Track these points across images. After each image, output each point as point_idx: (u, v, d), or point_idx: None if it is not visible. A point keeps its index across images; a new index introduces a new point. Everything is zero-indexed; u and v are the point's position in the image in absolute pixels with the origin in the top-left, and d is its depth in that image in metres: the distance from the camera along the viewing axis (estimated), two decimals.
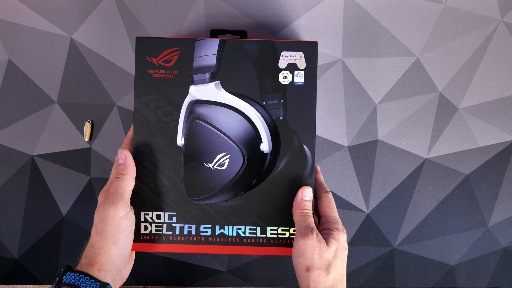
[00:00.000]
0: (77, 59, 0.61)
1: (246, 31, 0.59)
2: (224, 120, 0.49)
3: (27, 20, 0.61)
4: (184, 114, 0.49)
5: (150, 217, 0.49)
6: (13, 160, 0.61)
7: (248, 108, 0.49)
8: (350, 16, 0.60)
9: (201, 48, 0.50)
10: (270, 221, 0.49)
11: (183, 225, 0.49)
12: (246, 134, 0.49)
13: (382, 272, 0.63)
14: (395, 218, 0.62)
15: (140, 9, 0.60)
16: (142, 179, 0.49)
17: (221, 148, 0.49)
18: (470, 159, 0.62)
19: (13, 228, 0.62)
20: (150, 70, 0.49)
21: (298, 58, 0.50)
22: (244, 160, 0.49)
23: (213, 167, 0.49)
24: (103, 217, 0.44)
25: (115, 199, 0.45)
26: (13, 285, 0.62)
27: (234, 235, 0.50)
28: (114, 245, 0.44)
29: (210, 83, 0.49)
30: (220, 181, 0.49)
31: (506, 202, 0.62)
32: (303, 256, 0.44)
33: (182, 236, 0.49)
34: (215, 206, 0.49)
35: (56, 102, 0.61)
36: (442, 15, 0.61)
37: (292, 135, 0.49)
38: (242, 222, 0.49)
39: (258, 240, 0.49)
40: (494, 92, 0.62)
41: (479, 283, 0.63)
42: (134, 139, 0.49)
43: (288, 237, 0.49)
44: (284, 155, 0.49)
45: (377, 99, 0.61)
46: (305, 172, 0.49)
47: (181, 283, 0.62)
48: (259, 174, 0.49)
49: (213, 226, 0.49)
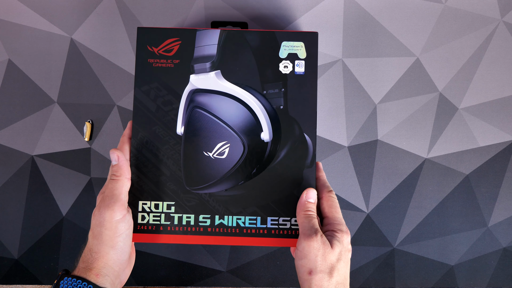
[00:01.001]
0: (77, 59, 0.61)
1: (247, 23, 0.59)
2: (224, 109, 0.49)
3: (27, 20, 0.61)
4: (184, 102, 0.49)
5: (148, 206, 0.48)
6: (13, 160, 0.61)
7: (248, 97, 0.49)
8: (350, 16, 0.60)
9: (202, 38, 0.50)
10: (271, 211, 0.49)
11: (182, 215, 0.48)
12: (246, 123, 0.49)
13: (382, 272, 0.63)
14: (395, 218, 0.62)
15: (140, 9, 0.60)
16: (141, 168, 0.48)
17: (221, 136, 0.49)
18: (470, 159, 0.62)
19: (13, 228, 0.62)
20: (151, 60, 0.49)
21: (299, 48, 0.50)
22: (244, 149, 0.49)
23: (212, 156, 0.49)
24: (99, 221, 0.43)
25: (111, 202, 0.44)
26: (13, 285, 0.62)
27: (234, 226, 0.49)
28: (112, 249, 0.43)
29: (211, 72, 0.49)
30: (220, 170, 0.49)
31: (506, 202, 0.62)
32: (306, 258, 0.43)
33: (180, 227, 0.48)
34: (215, 196, 0.49)
35: (56, 102, 0.61)
36: (442, 15, 0.61)
37: (293, 123, 0.49)
38: (242, 212, 0.49)
39: (258, 231, 0.48)
40: (494, 92, 0.62)
41: (479, 283, 0.63)
42: (133, 128, 0.49)
43: (289, 228, 0.48)
44: (285, 144, 0.49)
45: (377, 99, 0.61)
46: (306, 161, 0.49)
47: (181, 283, 0.62)
48: (260, 163, 0.49)
49: (212, 216, 0.49)
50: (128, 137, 0.49)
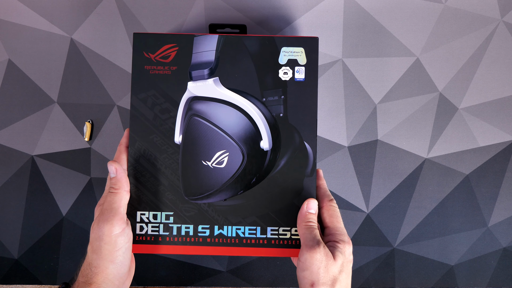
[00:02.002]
0: (77, 59, 0.61)
1: (245, 25, 0.59)
2: (223, 117, 0.48)
3: (27, 20, 0.61)
4: (182, 111, 0.48)
5: (146, 217, 0.48)
6: (13, 160, 0.61)
7: (248, 105, 0.48)
8: (350, 16, 0.60)
9: (200, 44, 0.49)
10: (271, 221, 0.48)
11: (181, 225, 0.48)
12: (245, 131, 0.48)
13: (382, 272, 0.63)
14: (395, 218, 0.62)
15: (140, 9, 0.60)
16: (138, 178, 0.48)
17: (220, 145, 0.48)
18: (470, 159, 0.62)
19: (13, 228, 0.62)
20: (148, 67, 0.48)
21: (299, 54, 0.49)
22: (243, 158, 0.48)
23: (211, 165, 0.48)
24: (98, 235, 0.42)
25: (110, 216, 0.43)
26: (13, 285, 0.62)
27: (233, 236, 0.48)
28: (111, 263, 0.43)
29: (209, 79, 0.48)
30: (219, 179, 0.48)
31: (506, 202, 0.62)
32: (308, 270, 0.42)
33: (179, 237, 0.48)
34: (214, 206, 0.48)
35: (56, 102, 0.61)
36: (442, 15, 0.61)
37: (293, 132, 0.48)
38: (242, 222, 0.48)
39: (258, 241, 0.48)
40: (494, 92, 0.62)
41: (479, 283, 0.63)
42: (130, 137, 0.48)
43: (290, 238, 0.48)
44: (285, 153, 0.48)
45: (377, 99, 0.61)
46: (307, 170, 0.48)
47: (181, 283, 0.62)
48: (259, 172, 0.48)
49: (211, 226, 0.48)
50: (125, 146, 0.48)
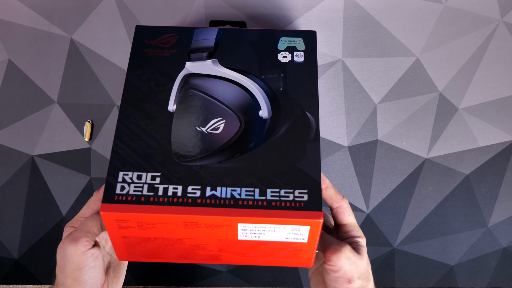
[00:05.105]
0: (77, 59, 0.61)
1: (245, 22, 0.59)
2: (220, 90, 0.46)
3: (27, 20, 0.61)
4: (178, 83, 0.47)
5: (129, 177, 0.42)
6: (13, 160, 0.61)
7: (246, 80, 0.46)
8: (350, 16, 0.60)
9: (200, 34, 0.49)
10: (271, 183, 0.42)
11: (168, 185, 0.42)
12: (243, 102, 0.46)
13: (382, 272, 0.63)
14: (395, 218, 0.62)
15: (140, 9, 0.60)
16: (125, 140, 0.44)
17: (216, 114, 0.45)
18: (470, 159, 0.62)
19: (13, 228, 0.62)
20: (147, 50, 0.48)
21: (297, 42, 0.49)
22: (241, 124, 0.45)
23: (206, 131, 0.45)
24: (62, 254, 0.41)
25: (78, 235, 0.42)
26: (13, 285, 0.62)
27: (228, 197, 0.41)
28: (76, 282, 0.41)
29: (207, 60, 0.48)
30: (213, 144, 0.44)
31: (506, 202, 0.62)
32: (342, 270, 0.42)
33: (165, 197, 0.41)
34: (207, 168, 0.43)
35: (56, 102, 0.61)
36: (442, 15, 0.61)
37: (294, 103, 0.46)
38: (238, 184, 0.42)
39: (256, 203, 0.41)
40: (494, 92, 0.62)
41: (479, 283, 0.63)
42: (121, 106, 0.45)
43: (293, 200, 0.41)
44: (286, 121, 0.45)
45: (377, 99, 0.61)
46: (310, 136, 0.44)
47: (181, 283, 0.62)
48: (258, 137, 0.44)
49: (203, 187, 0.42)
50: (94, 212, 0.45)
